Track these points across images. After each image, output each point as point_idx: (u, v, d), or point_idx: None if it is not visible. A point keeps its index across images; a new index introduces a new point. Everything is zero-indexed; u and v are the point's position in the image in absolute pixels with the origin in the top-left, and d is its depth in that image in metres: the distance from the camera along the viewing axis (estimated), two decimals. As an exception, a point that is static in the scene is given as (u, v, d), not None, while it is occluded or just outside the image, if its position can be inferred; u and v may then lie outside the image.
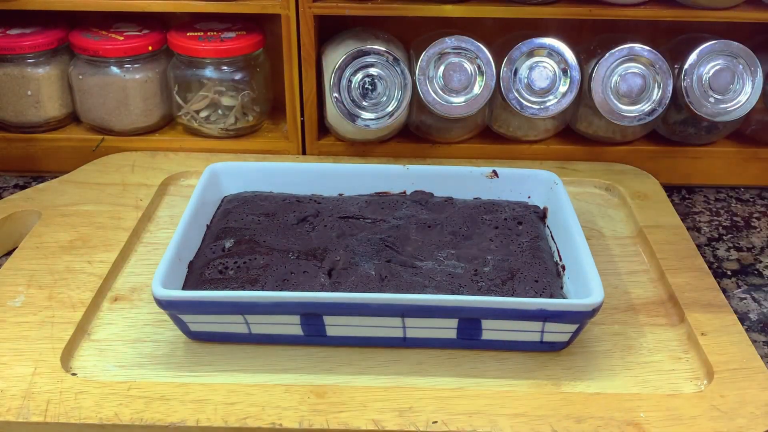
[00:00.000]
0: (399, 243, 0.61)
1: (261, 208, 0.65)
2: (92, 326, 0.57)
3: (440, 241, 0.61)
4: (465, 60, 0.74)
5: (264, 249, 0.60)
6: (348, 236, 0.61)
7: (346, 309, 0.52)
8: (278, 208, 0.65)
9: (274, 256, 0.59)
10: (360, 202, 0.66)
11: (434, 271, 0.58)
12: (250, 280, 0.56)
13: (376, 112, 0.75)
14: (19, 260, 0.63)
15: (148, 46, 0.79)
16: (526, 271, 0.58)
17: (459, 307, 0.52)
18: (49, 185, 0.73)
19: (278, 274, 0.57)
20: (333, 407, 0.49)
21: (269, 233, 0.62)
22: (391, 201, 0.66)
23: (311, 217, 0.64)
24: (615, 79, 0.74)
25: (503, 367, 0.54)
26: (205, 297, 0.53)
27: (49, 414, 0.49)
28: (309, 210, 0.65)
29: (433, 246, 0.61)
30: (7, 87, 0.79)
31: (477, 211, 0.65)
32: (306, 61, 0.77)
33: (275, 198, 0.66)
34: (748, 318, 0.63)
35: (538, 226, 0.64)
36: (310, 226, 0.63)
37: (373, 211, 0.65)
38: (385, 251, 0.60)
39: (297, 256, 0.59)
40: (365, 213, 0.65)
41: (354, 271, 0.57)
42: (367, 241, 0.61)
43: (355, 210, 0.65)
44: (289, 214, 0.64)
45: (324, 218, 0.64)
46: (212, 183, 0.67)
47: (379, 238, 0.61)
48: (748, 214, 0.77)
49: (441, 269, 0.58)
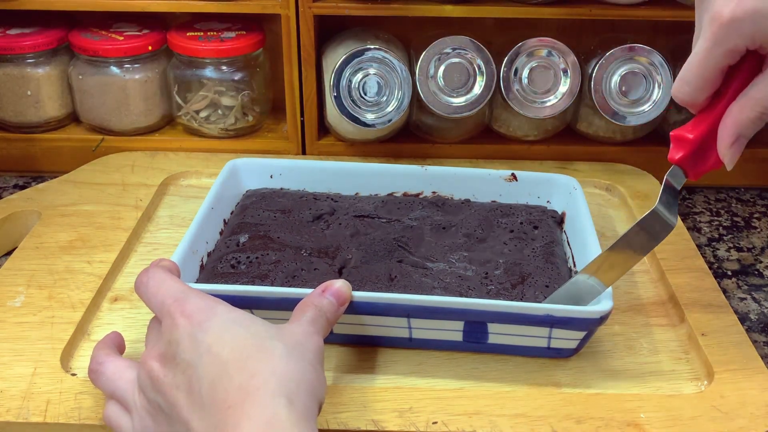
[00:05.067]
0: (412, 243, 0.61)
1: (277, 204, 0.65)
2: (92, 326, 0.57)
3: (453, 243, 0.61)
4: (465, 60, 0.74)
5: (277, 245, 0.60)
6: (362, 235, 0.62)
7: (352, 307, 0.52)
8: (294, 205, 0.65)
9: (286, 252, 0.59)
10: (376, 202, 0.66)
11: (444, 273, 0.58)
12: (261, 275, 0.57)
13: (376, 112, 0.75)
14: (19, 260, 0.63)
15: (148, 46, 0.79)
16: (538, 275, 0.58)
17: (464, 309, 0.52)
18: (49, 185, 0.73)
19: (289, 270, 0.57)
20: (333, 407, 0.49)
21: (284, 230, 0.62)
22: (407, 201, 0.66)
23: (326, 215, 0.64)
24: (615, 79, 0.74)
25: (503, 367, 0.54)
26: (212, 290, 0.53)
27: (48, 414, 0.49)
28: (325, 208, 0.65)
29: (446, 248, 0.61)
30: (7, 87, 0.79)
31: (493, 214, 0.65)
32: (306, 61, 0.77)
33: (292, 195, 0.67)
34: (748, 318, 0.63)
35: (555, 230, 0.63)
36: (325, 224, 0.63)
37: (389, 211, 0.65)
38: (397, 251, 0.60)
39: (309, 253, 0.59)
40: (380, 213, 0.65)
41: (365, 270, 0.57)
42: (380, 240, 0.61)
43: (371, 209, 0.65)
44: (305, 212, 0.64)
45: (339, 217, 0.64)
46: (232, 178, 0.67)
47: (393, 238, 0.61)
48: (748, 215, 0.77)
49: (452, 271, 0.58)
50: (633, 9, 0.75)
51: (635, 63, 0.74)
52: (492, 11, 0.75)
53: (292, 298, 0.52)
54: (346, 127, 0.78)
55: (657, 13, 0.75)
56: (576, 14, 0.75)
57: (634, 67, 0.74)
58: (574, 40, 0.76)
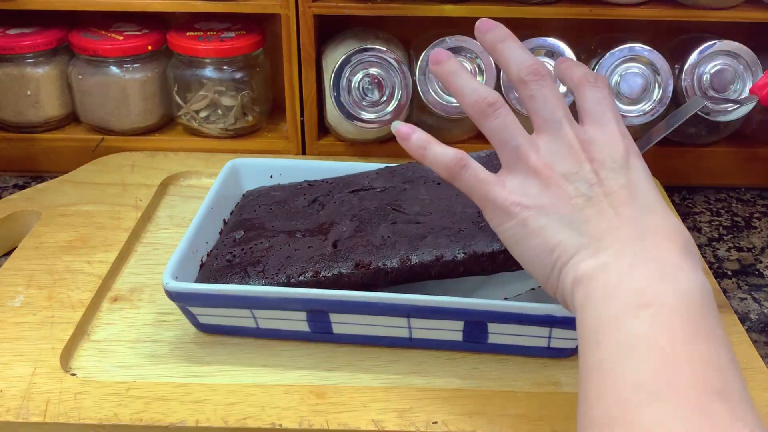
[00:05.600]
0: (407, 205, 0.59)
1: (273, 198, 0.65)
2: (92, 326, 0.57)
3: (449, 195, 0.59)
4: (465, 60, 0.74)
5: (270, 233, 0.59)
6: (356, 208, 0.60)
7: (350, 307, 0.52)
8: (290, 195, 0.64)
9: (279, 237, 0.58)
10: (371, 175, 0.65)
11: (437, 221, 0.56)
12: (253, 261, 0.56)
13: (376, 112, 0.75)
14: (19, 260, 0.63)
15: (148, 45, 0.79)
16: None
17: (464, 309, 0.51)
18: (48, 185, 0.73)
19: (282, 253, 0.56)
20: (333, 407, 0.49)
21: (278, 219, 0.61)
22: (401, 169, 0.64)
23: (322, 196, 0.63)
24: (615, 79, 0.74)
25: (504, 367, 0.54)
26: (212, 290, 0.53)
27: (48, 414, 0.49)
28: (320, 191, 0.64)
29: (442, 200, 0.59)
30: (7, 87, 0.79)
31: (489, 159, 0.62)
32: (306, 61, 0.77)
33: (288, 187, 0.66)
34: (748, 318, 0.62)
35: None
36: (320, 206, 0.62)
37: (384, 181, 0.63)
38: (391, 215, 0.58)
39: (303, 235, 0.58)
40: (375, 184, 0.63)
41: (358, 238, 0.56)
42: (374, 209, 0.59)
43: (366, 183, 0.63)
44: (300, 198, 0.64)
45: (334, 195, 0.63)
46: (232, 178, 0.67)
47: (386, 203, 0.60)
48: (748, 214, 0.77)
49: (445, 217, 0.57)
50: (633, 9, 0.75)
51: (635, 63, 0.74)
52: (492, 11, 0.75)
53: (291, 298, 0.52)
54: (346, 127, 0.78)
55: (657, 13, 0.75)
56: (576, 14, 0.75)
57: (634, 67, 0.74)
58: (574, 40, 0.76)
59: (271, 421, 0.48)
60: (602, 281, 0.41)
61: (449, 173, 0.48)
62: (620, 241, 0.42)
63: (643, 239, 0.42)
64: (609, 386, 0.36)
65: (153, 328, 0.57)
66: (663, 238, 0.42)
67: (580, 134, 0.46)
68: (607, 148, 0.45)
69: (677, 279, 0.39)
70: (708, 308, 0.39)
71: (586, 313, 0.40)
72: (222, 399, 0.50)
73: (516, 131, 0.47)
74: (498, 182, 0.47)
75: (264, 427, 0.48)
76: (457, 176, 0.48)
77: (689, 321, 0.37)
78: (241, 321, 0.54)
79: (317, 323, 0.54)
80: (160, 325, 0.57)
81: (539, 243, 0.44)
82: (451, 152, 0.48)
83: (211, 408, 0.49)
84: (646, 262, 0.40)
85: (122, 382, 0.51)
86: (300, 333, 0.55)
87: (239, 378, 0.52)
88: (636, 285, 0.39)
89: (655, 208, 0.44)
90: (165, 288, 0.53)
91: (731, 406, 0.34)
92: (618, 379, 0.36)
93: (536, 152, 0.46)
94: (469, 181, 0.47)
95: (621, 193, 0.44)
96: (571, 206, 0.44)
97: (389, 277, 0.54)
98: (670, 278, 0.39)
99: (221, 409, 0.49)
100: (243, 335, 0.55)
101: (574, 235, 0.43)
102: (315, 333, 0.54)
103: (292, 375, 0.53)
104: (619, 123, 0.47)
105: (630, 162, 0.45)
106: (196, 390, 0.51)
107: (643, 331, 0.37)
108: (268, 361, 0.54)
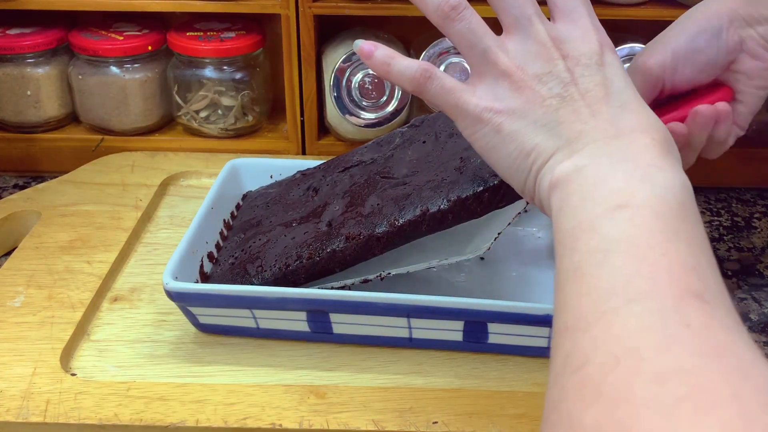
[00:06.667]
0: (395, 170, 0.59)
1: (269, 196, 0.65)
2: (92, 326, 0.57)
3: (433, 150, 0.59)
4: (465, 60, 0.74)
5: (267, 228, 0.59)
6: (348, 184, 0.60)
7: (350, 307, 0.52)
8: (284, 189, 0.64)
9: (276, 231, 0.58)
10: (360, 150, 0.64)
11: (422, 178, 0.56)
12: (251, 259, 0.56)
13: (376, 112, 0.75)
14: (19, 260, 0.63)
15: (148, 45, 0.79)
16: None
17: (464, 309, 0.52)
18: (48, 185, 0.73)
19: (279, 244, 0.57)
20: (333, 407, 0.49)
21: (275, 214, 0.61)
22: (389, 137, 0.64)
23: (315, 182, 0.63)
24: (615, 79, 0.74)
25: (503, 367, 0.54)
26: (211, 290, 0.53)
27: (48, 414, 0.49)
28: (313, 178, 0.64)
29: (428, 157, 0.58)
30: (7, 87, 0.79)
31: None
32: (306, 61, 0.77)
33: (283, 182, 0.66)
34: (748, 318, 0.63)
35: None
36: (314, 191, 0.62)
37: (373, 152, 0.63)
38: (380, 183, 0.58)
39: (299, 222, 0.58)
40: (364, 157, 0.63)
41: (350, 213, 0.56)
42: (364, 182, 0.59)
43: (355, 159, 0.63)
44: (295, 189, 0.64)
45: (326, 178, 0.63)
46: (232, 178, 0.67)
47: (375, 173, 0.59)
48: (748, 215, 0.77)
49: (430, 171, 0.56)
50: (633, 9, 0.75)
51: (635, 63, 0.74)
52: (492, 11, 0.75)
53: (291, 298, 0.52)
54: (346, 127, 0.78)
55: (657, 13, 0.75)
56: (576, 14, 0.75)
57: (634, 67, 0.74)
58: (574, 40, 0.76)
59: (270, 421, 0.48)
60: (578, 184, 0.39)
61: (415, 86, 0.46)
62: (596, 142, 0.40)
63: (620, 138, 0.40)
64: (585, 290, 0.35)
65: (153, 328, 0.57)
66: (640, 136, 0.40)
67: (552, 31, 0.44)
68: (580, 44, 0.43)
69: (655, 178, 0.38)
70: (688, 208, 0.37)
71: (562, 217, 0.39)
72: (222, 399, 0.50)
73: (483, 33, 0.45)
74: (467, 89, 0.44)
75: (264, 427, 0.48)
76: (424, 88, 0.45)
77: (668, 222, 0.36)
78: (241, 321, 0.54)
79: (317, 323, 0.54)
80: (159, 325, 0.57)
81: (514, 148, 0.43)
82: (416, 64, 0.46)
83: (211, 408, 0.49)
84: (622, 162, 0.39)
85: (122, 382, 0.51)
86: (300, 333, 0.55)
87: (239, 378, 0.52)
88: (612, 186, 0.38)
89: (632, 105, 0.42)
90: (165, 288, 0.53)
91: (710, 307, 0.33)
92: (594, 283, 0.35)
93: (506, 54, 0.44)
94: (436, 91, 0.45)
95: (596, 91, 0.42)
96: (545, 108, 0.42)
97: (381, 242, 0.53)
98: (647, 178, 0.38)
99: (221, 409, 0.49)
100: (243, 335, 0.55)
101: (550, 137, 0.42)
102: (315, 333, 0.55)
103: (292, 375, 0.53)
104: (592, 16, 0.45)
105: (605, 58, 0.43)
106: (195, 390, 0.51)
107: (620, 234, 0.36)
108: (268, 361, 0.54)
